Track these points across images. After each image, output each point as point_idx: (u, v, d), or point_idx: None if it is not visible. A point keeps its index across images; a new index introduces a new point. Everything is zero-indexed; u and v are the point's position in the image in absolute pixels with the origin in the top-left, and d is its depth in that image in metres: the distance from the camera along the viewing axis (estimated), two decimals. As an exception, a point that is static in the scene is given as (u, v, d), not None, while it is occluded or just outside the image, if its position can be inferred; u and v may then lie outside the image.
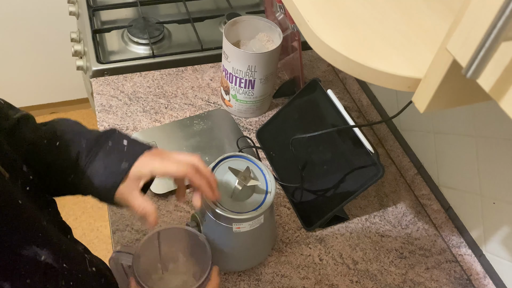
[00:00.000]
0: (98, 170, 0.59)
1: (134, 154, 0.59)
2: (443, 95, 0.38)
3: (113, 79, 1.06)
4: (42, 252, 0.48)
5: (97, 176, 0.59)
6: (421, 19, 0.45)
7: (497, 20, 0.27)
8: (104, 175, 0.58)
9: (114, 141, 0.61)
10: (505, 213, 0.74)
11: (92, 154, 0.59)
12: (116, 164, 0.58)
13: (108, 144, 0.60)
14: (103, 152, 0.60)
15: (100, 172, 0.59)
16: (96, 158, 0.59)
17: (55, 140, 0.60)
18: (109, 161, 0.59)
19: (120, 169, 0.58)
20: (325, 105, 0.87)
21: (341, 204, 0.81)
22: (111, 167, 0.59)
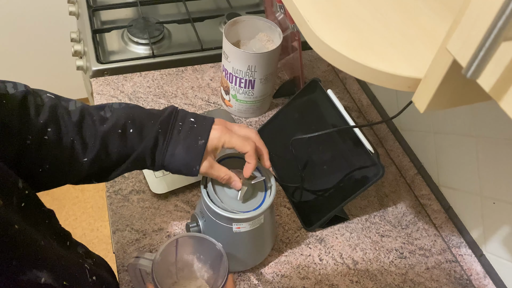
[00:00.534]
0: (179, 150, 0.63)
1: (205, 130, 0.65)
2: (443, 95, 0.38)
3: (113, 79, 1.06)
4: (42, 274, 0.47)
5: (178, 156, 0.63)
6: (421, 19, 0.45)
7: (497, 20, 0.27)
8: (186, 155, 0.63)
9: (183, 120, 0.65)
10: (505, 213, 0.74)
11: (168, 137, 0.64)
12: (194, 143, 0.64)
13: (178, 124, 0.65)
14: (177, 133, 0.64)
15: (180, 152, 0.63)
16: (172, 140, 0.64)
17: (128, 129, 0.63)
18: (187, 142, 0.64)
19: (199, 146, 0.63)
20: (325, 105, 0.87)
21: (341, 204, 0.81)
22: (190, 147, 0.63)
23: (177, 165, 0.64)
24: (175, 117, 0.66)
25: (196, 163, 0.64)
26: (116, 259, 0.79)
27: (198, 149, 0.64)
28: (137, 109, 0.66)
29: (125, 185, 0.87)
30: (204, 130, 0.65)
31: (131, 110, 0.65)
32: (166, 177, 0.87)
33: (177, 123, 0.65)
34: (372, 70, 0.41)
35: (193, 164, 0.64)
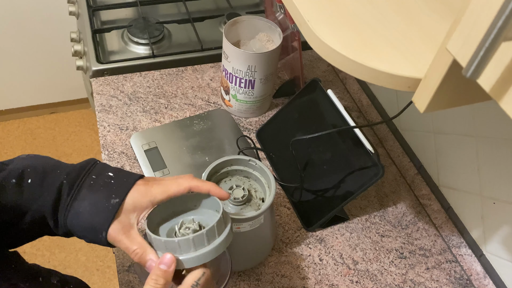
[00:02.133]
0: (84, 208, 0.51)
1: (124, 186, 0.52)
2: (443, 95, 0.38)
3: (113, 79, 1.06)
4: None
5: (83, 215, 0.51)
6: (421, 19, 0.45)
7: (497, 20, 0.27)
8: (91, 213, 0.51)
9: (98, 174, 0.53)
10: (505, 213, 0.74)
11: (75, 191, 0.52)
12: (104, 200, 0.51)
13: (92, 177, 0.53)
14: (87, 187, 0.52)
15: (86, 210, 0.51)
16: (80, 194, 0.51)
17: (27, 178, 0.52)
18: (96, 197, 0.51)
19: (110, 204, 0.51)
20: (325, 105, 0.87)
21: (341, 204, 0.81)
22: (98, 204, 0.51)
23: (81, 228, 0.51)
24: (89, 169, 0.54)
25: (104, 227, 0.50)
26: (116, 259, 0.79)
27: (108, 209, 0.50)
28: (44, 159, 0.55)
29: (125, 185, 0.87)
30: (123, 187, 0.52)
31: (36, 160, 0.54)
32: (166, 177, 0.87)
33: (89, 176, 0.53)
34: (372, 70, 0.41)
35: (99, 227, 0.51)
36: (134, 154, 0.92)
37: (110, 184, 0.52)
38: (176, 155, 0.91)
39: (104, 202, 0.51)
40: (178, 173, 0.88)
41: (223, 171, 0.73)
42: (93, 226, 0.51)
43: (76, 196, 0.51)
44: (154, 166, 0.88)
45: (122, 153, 0.92)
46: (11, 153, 2.00)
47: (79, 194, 0.52)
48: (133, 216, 0.52)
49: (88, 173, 0.53)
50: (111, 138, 0.95)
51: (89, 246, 1.75)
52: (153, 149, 0.91)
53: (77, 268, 1.69)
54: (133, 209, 0.52)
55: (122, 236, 0.51)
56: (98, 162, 0.56)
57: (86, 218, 0.51)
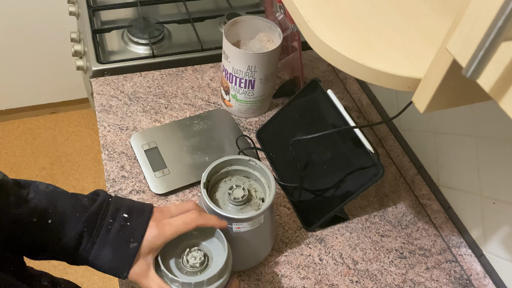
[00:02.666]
0: (105, 253, 0.56)
1: (140, 229, 0.57)
2: (443, 95, 0.38)
3: (113, 79, 1.06)
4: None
5: (104, 259, 0.56)
6: (421, 19, 0.45)
7: (497, 20, 0.27)
8: (113, 259, 0.56)
9: (114, 217, 0.57)
10: (505, 213, 0.74)
11: (95, 237, 0.56)
12: (124, 246, 0.56)
13: (108, 221, 0.56)
14: (105, 232, 0.56)
15: (107, 255, 0.56)
16: (98, 239, 0.56)
17: (47, 218, 0.55)
18: (116, 244, 0.56)
19: (130, 250, 0.56)
20: (325, 105, 0.87)
21: (341, 204, 0.81)
22: (118, 249, 0.55)
23: (102, 267, 0.57)
24: (105, 211, 0.57)
25: (125, 269, 0.56)
26: (116, 259, 0.79)
27: (128, 254, 0.56)
28: (62, 196, 0.57)
29: (125, 185, 0.87)
30: (138, 229, 0.57)
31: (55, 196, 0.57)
32: (166, 177, 0.87)
33: (106, 220, 0.57)
34: (372, 70, 0.41)
35: (120, 269, 0.56)
36: (134, 154, 0.92)
37: (126, 227, 0.57)
38: (176, 155, 0.91)
39: (123, 247, 0.56)
40: (178, 173, 0.88)
41: (223, 171, 0.73)
42: (115, 268, 0.56)
43: (95, 240, 0.56)
44: (154, 166, 0.88)
45: (122, 153, 0.92)
46: (11, 153, 2.00)
47: (97, 238, 0.56)
48: (150, 257, 0.57)
49: (104, 216, 0.57)
50: (111, 138, 0.95)
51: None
52: (153, 149, 0.91)
53: (77, 268, 1.69)
54: (149, 251, 0.57)
55: (142, 278, 0.57)
56: (110, 199, 0.59)
57: (107, 261, 0.56)
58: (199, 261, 0.60)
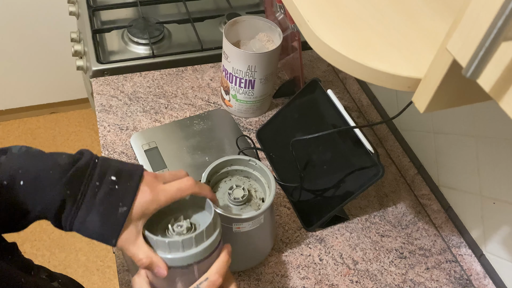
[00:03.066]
0: (91, 218, 0.51)
1: (130, 192, 0.52)
2: (443, 95, 0.38)
3: (113, 79, 1.06)
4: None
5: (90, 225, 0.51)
6: (421, 19, 0.45)
7: (497, 20, 0.27)
8: (100, 225, 0.51)
9: (101, 179, 0.52)
10: (505, 213, 0.74)
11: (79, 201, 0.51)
12: (113, 211, 0.51)
13: (95, 184, 0.52)
14: (91, 196, 0.51)
15: (94, 220, 0.51)
16: (84, 203, 0.51)
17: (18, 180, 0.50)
18: (104, 209, 0.51)
19: (118, 215, 0.51)
20: (325, 105, 0.87)
21: (341, 204, 0.81)
22: (106, 214, 0.51)
23: (88, 234, 0.52)
24: (91, 173, 0.52)
25: (113, 235, 0.51)
26: (116, 259, 0.79)
27: (117, 219, 0.51)
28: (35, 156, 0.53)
29: (125, 185, 0.87)
30: (128, 193, 0.52)
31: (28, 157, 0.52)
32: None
33: (92, 183, 0.52)
34: (372, 70, 0.41)
35: (109, 236, 0.52)
36: (134, 154, 0.92)
37: (115, 190, 0.52)
38: (176, 155, 0.91)
39: (112, 212, 0.51)
40: (178, 173, 0.88)
41: (223, 171, 0.73)
42: (103, 235, 0.52)
43: (80, 205, 0.51)
44: (154, 166, 0.88)
45: (122, 153, 0.92)
46: (11, 153, 2.00)
47: (83, 203, 0.51)
48: (140, 223, 0.53)
49: (90, 178, 0.52)
50: (111, 138, 0.95)
51: (89, 246, 1.75)
52: (153, 149, 0.91)
53: (77, 268, 1.69)
54: (140, 217, 0.53)
55: (130, 245, 0.53)
56: (96, 160, 0.54)
57: (94, 228, 0.51)
58: (186, 228, 0.56)
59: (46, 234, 1.77)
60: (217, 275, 0.55)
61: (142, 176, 0.54)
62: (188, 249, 0.54)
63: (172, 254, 0.54)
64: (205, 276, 0.55)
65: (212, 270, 0.56)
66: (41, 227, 1.79)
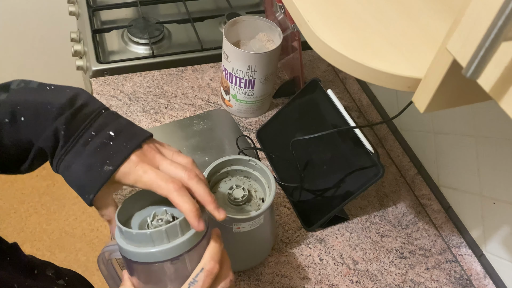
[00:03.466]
0: (76, 165, 0.49)
1: (121, 153, 0.49)
2: (443, 95, 0.38)
3: (113, 79, 1.06)
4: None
5: (74, 171, 0.49)
6: (421, 19, 0.45)
7: (497, 20, 0.27)
8: (82, 173, 0.49)
9: (99, 130, 0.50)
10: (505, 213, 0.74)
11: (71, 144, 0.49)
12: (98, 166, 0.48)
13: (91, 133, 0.49)
14: (83, 142, 0.49)
15: (78, 168, 0.49)
16: (74, 148, 0.49)
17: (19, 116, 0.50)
18: (90, 161, 0.49)
19: (103, 171, 0.48)
20: (325, 105, 0.87)
21: (341, 204, 0.81)
22: (91, 167, 0.49)
23: (70, 181, 0.50)
24: (92, 121, 0.50)
25: (92, 191, 0.49)
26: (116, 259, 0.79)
27: (99, 175, 0.48)
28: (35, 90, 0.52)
29: (125, 185, 0.87)
30: (120, 153, 0.49)
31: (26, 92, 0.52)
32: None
33: (89, 131, 0.50)
34: (372, 70, 0.41)
35: (87, 189, 0.49)
36: (134, 154, 0.92)
37: (108, 146, 0.49)
38: (176, 155, 0.91)
39: (97, 167, 0.48)
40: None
41: (223, 171, 0.73)
42: (82, 185, 0.49)
43: (70, 149, 0.49)
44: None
45: (122, 153, 0.92)
46: (11, 153, 2.00)
47: (73, 147, 0.49)
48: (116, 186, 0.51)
49: (90, 126, 0.50)
50: (111, 138, 0.95)
51: (89, 246, 1.75)
52: (153, 149, 0.91)
53: (77, 268, 1.69)
54: (118, 180, 0.50)
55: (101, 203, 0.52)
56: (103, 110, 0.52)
57: (77, 175, 0.49)
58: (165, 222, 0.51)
59: (46, 234, 1.77)
60: (212, 262, 0.50)
61: (143, 143, 0.51)
62: (174, 238, 0.49)
63: (157, 247, 0.49)
64: (199, 267, 0.50)
65: (205, 257, 0.50)
66: (41, 227, 1.79)
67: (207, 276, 0.49)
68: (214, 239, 0.52)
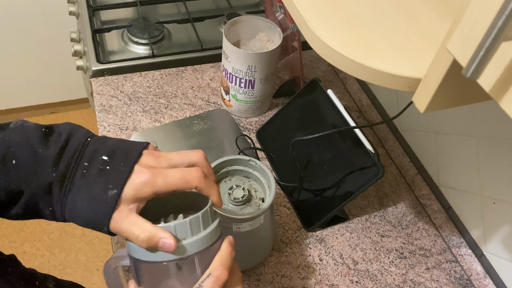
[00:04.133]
0: (81, 203, 0.46)
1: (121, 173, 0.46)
2: (443, 95, 0.38)
3: (113, 79, 1.06)
4: None
5: (80, 210, 0.47)
6: (421, 19, 0.45)
7: (497, 20, 0.27)
8: (88, 208, 0.46)
9: (91, 160, 0.47)
10: (505, 213, 0.74)
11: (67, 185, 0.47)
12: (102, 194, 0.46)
13: (83, 165, 0.47)
14: (80, 177, 0.47)
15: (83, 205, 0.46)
16: (73, 187, 0.47)
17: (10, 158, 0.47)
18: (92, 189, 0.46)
19: (108, 198, 0.45)
20: (325, 105, 0.87)
21: (341, 204, 0.81)
22: (95, 197, 0.46)
23: (81, 222, 0.47)
24: (80, 154, 0.47)
25: (104, 221, 0.46)
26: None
27: (106, 202, 0.46)
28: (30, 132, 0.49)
29: (125, 185, 0.87)
30: (119, 174, 0.46)
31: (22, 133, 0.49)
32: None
33: (81, 163, 0.47)
34: (372, 70, 0.41)
35: (99, 222, 0.46)
36: (134, 154, 0.92)
37: (105, 171, 0.46)
38: (176, 155, 0.91)
39: (101, 195, 0.46)
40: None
41: (223, 171, 0.73)
42: (93, 220, 0.47)
43: (69, 189, 0.47)
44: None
45: (122, 153, 0.92)
46: (11, 153, 2.00)
47: (72, 186, 0.47)
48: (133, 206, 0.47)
49: (80, 159, 0.47)
50: (111, 138, 0.95)
51: (89, 246, 1.75)
52: (153, 149, 0.91)
53: (77, 268, 1.69)
54: (134, 200, 0.46)
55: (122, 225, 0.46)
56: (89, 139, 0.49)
57: (84, 212, 0.46)
58: None
59: (46, 234, 1.77)
60: (221, 268, 0.47)
61: (141, 155, 0.48)
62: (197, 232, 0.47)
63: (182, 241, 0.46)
64: (207, 272, 0.48)
65: (215, 263, 0.48)
66: (41, 227, 1.79)
67: (214, 282, 0.47)
68: (227, 245, 0.50)
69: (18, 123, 0.50)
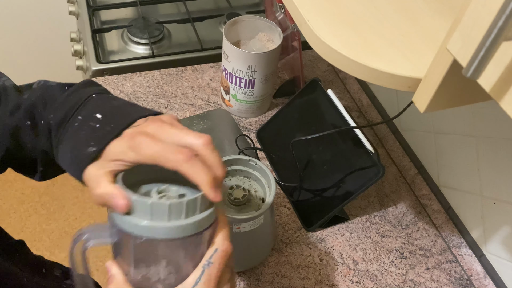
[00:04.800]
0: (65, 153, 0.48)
1: (108, 133, 0.45)
2: (444, 95, 0.38)
3: (113, 79, 1.06)
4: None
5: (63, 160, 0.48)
6: (421, 19, 0.45)
7: (497, 20, 0.27)
8: (69, 159, 0.47)
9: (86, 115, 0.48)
10: (505, 213, 0.74)
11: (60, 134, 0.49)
12: (82, 148, 0.46)
13: (77, 118, 0.48)
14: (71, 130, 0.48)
15: (67, 156, 0.48)
16: (65, 136, 0.48)
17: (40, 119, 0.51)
18: (75, 143, 0.47)
19: (86, 153, 0.45)
20: (325, 105, 0.87)
21: (342, 204, 0.81)
22: (75, 150, 0.46)
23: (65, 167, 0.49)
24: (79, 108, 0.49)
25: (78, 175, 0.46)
26: (116, 259, 0.79)
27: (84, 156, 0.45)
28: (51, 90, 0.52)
29: (125, 185, 0.87)
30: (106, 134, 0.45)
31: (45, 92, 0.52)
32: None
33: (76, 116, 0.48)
34: (372, 70, 0.41)
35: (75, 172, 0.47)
36: (134, 154, 0.92)
37: (94, 128, 0.46)
38: (176, 155, 0.90)
39: (81, 149, 0.46)
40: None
41: (223, 171, 0.73)
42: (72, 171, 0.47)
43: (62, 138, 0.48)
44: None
45: (122, 153, 0.92)
46: (11, 152, 2.00)
47: (64, 136, 0.48)
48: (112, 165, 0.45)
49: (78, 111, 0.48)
50: (111, 138, 0.95)
51: (89, 246, 1.75)
52: (153, 149, 0.91)
53: (77, 268, 1.69)
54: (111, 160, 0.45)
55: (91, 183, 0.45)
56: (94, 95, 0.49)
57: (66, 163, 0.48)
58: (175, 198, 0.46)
59: (46, 234, 1.77)
60: (226, 242, 0.46)
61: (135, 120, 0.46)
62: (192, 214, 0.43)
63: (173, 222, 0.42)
64: (213, 248, 0.45)
65: (219, 238, 0.46)
66: (41, 227, 1.79)
67: (222, 256, 0.45)
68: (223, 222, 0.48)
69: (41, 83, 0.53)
